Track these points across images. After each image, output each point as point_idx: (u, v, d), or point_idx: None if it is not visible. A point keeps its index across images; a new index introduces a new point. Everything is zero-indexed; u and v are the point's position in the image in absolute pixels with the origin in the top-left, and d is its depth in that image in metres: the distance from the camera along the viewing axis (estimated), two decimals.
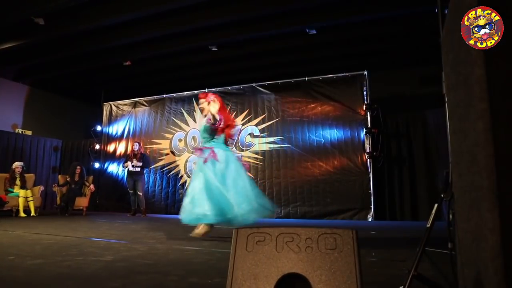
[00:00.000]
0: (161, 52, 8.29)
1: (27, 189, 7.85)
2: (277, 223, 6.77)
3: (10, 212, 7.64)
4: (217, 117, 3.90)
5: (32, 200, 7.75)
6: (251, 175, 8.08)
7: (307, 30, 7.33)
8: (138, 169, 8.15)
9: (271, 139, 8.06)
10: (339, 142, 7.48)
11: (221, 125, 3.91)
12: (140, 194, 8.05)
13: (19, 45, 7.68)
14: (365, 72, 7.52)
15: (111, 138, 10.15)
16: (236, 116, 8.45)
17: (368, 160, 7.21)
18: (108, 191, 9.56)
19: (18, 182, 7.99)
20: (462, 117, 1.31)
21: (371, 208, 7.10)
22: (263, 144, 8.12)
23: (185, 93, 9.18)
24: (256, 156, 8.15)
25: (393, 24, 6.95)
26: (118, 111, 10.14)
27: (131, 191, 8.24)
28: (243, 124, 8.40)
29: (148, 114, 9.53)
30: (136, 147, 8.42)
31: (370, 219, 7.05)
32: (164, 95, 9.44)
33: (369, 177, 7.17)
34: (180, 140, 9.06)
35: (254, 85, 8.41)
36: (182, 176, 8.81)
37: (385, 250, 3.38)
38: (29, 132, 9.93)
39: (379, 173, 7.38)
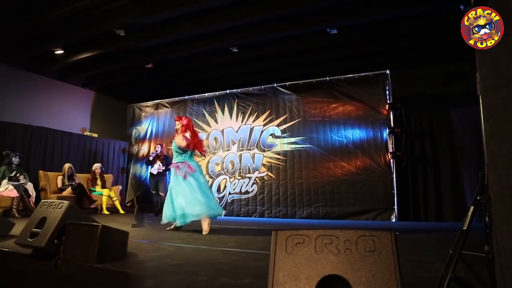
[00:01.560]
0: (182, 54, 8.38)
1: (107, 189, 8.46)
2: (300, 223, 6.79)
3: (96, 210, 8.28)
4: (188, 138, 5.00)
5: (117, 199, 8.37)
6: (274, 175, 8.08)
7: (328, 30, 7.27)
8: (161, 170, 8.25)
9: (292, 139, 8.09)
10: (361, 142, 7.44)
11: (190, 143, 4.99)
12: (162, 194, 8.15)
13: (95, 55, 8.16)
14: (387, 71, 7.46)
15: (138, 140, 10.37)
16: (257, 117, 8.54)
17: (391, 160, 7.11)
18: (145, 193, 9.60)
19: (99, 182, 8.58)
20: (503, 119, 1.29)
21: (394, 208, 7.02)
22: (284, 144, 8.16)
23: (206, 94, 9.30)
24: (278, 156, 8.20)
25: (415, 22, 6.84)
26: (141, 113, 10.30)
27: (154, 192, 8.40)
28: (264, 125, 8.46)
29: (170, 116, 9.66)
30: (159, 149, 8.55)
31: (393, 220, 6.98)
32: (186, 97, 9.58)
33: (393, 177, 7.10)
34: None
35: (275, 85, 8.45)
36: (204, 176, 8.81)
37: (411, 252, 3.34)
38: (95, 135, 10.31)
39: (403, 173, 7.31)
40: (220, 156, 8.84)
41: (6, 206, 6.80)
